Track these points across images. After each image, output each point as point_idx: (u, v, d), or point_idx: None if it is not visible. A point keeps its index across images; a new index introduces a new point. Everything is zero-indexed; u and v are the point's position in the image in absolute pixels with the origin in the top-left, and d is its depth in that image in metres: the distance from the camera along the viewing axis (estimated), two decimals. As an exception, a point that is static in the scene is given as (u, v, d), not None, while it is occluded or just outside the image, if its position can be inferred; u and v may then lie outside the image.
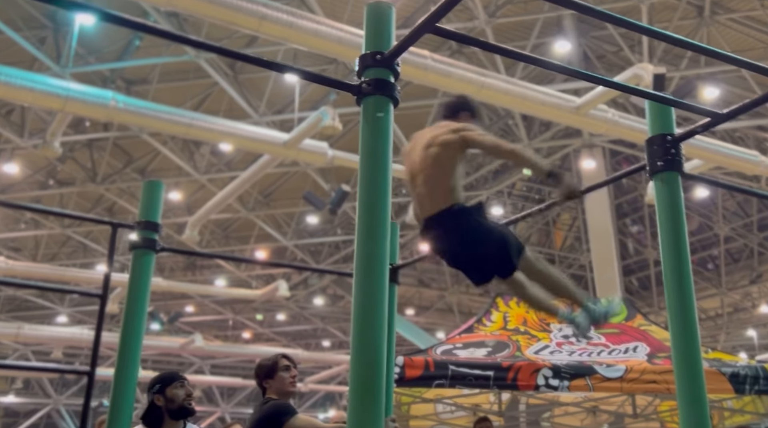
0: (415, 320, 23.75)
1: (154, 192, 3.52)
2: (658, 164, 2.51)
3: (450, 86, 11.42)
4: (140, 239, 3.36)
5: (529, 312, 7.61)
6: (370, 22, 2.23)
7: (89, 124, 15.62)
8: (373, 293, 1.96)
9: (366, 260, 1.99)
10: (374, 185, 2.04)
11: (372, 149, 2.08)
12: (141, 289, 3.32)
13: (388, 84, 2.12)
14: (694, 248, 22.42)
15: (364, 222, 2.02)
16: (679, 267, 2.40)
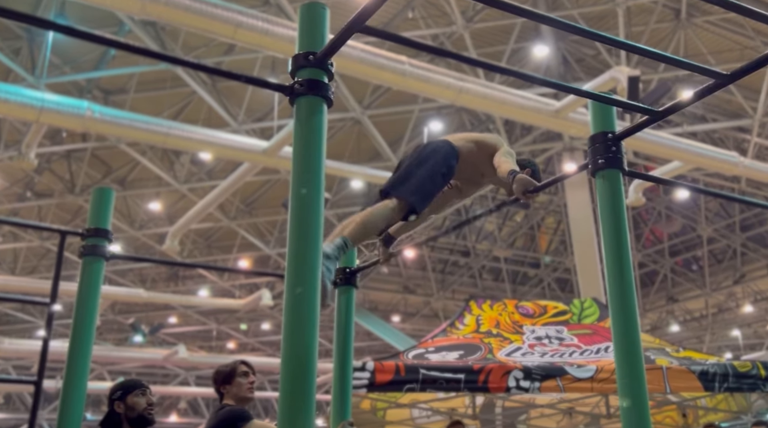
0: (401, 326, 23.67)
1: (105, 199, 3.46)
2: (599, 162, 2.51)
3: (429, 91, 11.39)
4: (89, 246, 3.29)
5: (502, 315, 7.61)
6: (303, 22, 2.21)
7: (66, 135, 15.45)
8: (304, 294, 1.90)
9: (297, 260, 1.95)
10: (307, 184, 2.03)
11: (305, 149, 2.07)
12: (90, 298, 3.26)
13: (321, 84, 2.11)
14: (678, 249, 22.50)
15: (296, 222, 1.99)
16: (620, 264, 2.39)
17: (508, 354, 6.58)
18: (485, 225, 22.31)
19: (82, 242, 3.31)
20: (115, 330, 25.69)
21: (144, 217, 19.38)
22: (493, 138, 3.63)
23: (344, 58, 10.40)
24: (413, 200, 3.19)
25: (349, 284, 3.76)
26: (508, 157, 3.33)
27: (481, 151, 3.52)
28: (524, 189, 3.01)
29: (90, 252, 3.29)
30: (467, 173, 3.61)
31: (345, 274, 3.75)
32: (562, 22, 2.08)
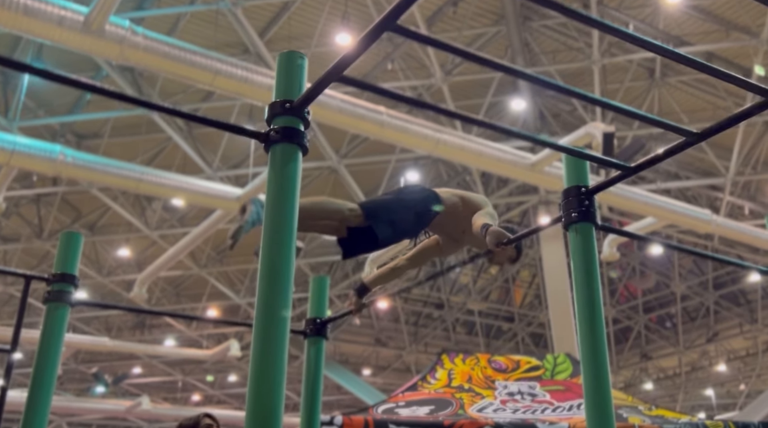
0: (372, 380, 23.29)
1: (72, 244, 3.37)
2: (572, 216, 2.55)
3: (407, 142, 11.39)
4: (55, 292, 3.18)
5: (475, 370, 7.50)
6: (281, 70, 2.22)
7: (37, 178, 15.18)
8: (271, 347, 1.86)
9: (266, 311, 1.90)
10: (279, 234, 2.00)
11: (279, 197, 2.05)
12: (53, 345, 3.15)
13: (297, 132, 2.11)
14: (652, 306, 22.53)
15: (266, 271, 1.96)
16: (592, 317, 2.40)
17: (479, 410, 6.45)
18: (460, 278, 22.21)
19: (47, 288, 3.20)
20: (77, 379, 24.99)
21: (112, 263, 19.02)
22: (479, 198, 3.64)
23: (323, 107, 10.38)
24: (371, 217, 3.21)
25: (319, 335, 3.69)
26: (487, 216, 3.33)
27: (466, 208, 3.51)
28: (497, 241, 3.01)
29: (55, 298, 3.18)
30: (448, 228, 3.59)
31: (315, 324, 3.69)
32: (538, 79, 2.11)
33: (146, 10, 11.60)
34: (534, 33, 13.06)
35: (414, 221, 3.39)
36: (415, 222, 3.40)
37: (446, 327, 23.65)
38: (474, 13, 12.42)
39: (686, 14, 12.48)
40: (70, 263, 3.28)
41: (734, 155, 14.41)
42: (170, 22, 12.29)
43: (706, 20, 12.54)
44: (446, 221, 3.52)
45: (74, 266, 3.30)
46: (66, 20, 8.75)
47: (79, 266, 3.35)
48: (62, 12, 8.73)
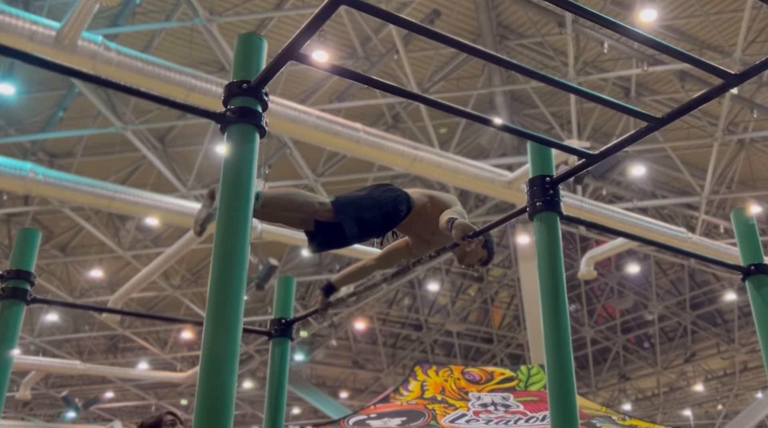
0: (349, 403, 23.01)
1: (29, 240, 3.27)
2: (537, 205, 2.55)
3: (383, 159, 11.32)
4: (9, 288, 3.08)
5: (448, 381, 7.45)
6: (239, 51, 2.22)
7: (7, 198, 14.91)
8: (224, 345, 1.78)
9: (218, 306, 1.83)
10: (235, 216, 1.94)
11: (235, 178, 2.00)
12: (7, 343, 3.02)
13: (254, 112, 2.09)
14: (630, 326, 22.55)
15: (220, 255, 1.89)
16: (556, 308, 2.38)
17: (452, 421, 6.40)
18: (438, 299, 22.11)
19: (1, 285, 3.11)
20: (47, 404, 24.50)
21: (85, 285, 18.71)
22: (449, 198, 3.60)
23: (299, 124, 10.30)
24: (340, 212, 3.20)
25: (284, 336, 3.61)
26: (454, 213, 3.27)
27: (435, 207, 3.46)
28: (462, 234, 2.99)
29: (9, 295, 3.07)
30: (417, 229, 3.55)
31: (280, 325, 3.60)
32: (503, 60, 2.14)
33: (120, 27, 11.48)
34: (511, 52, 13.08)
35: (382, 221, 3.34)
36: (383, 221, 3.35)
37: (424, 349, 23.49)
38: (450, 31, 12.39)
39: (661, 34, 12.56)
40: (26, 260, 3.19)
41: (709, 175, 14.50)
42: (145, 40, 12.18)
43: (680, 40, 12.64)
44: (415, 221, 3.48)
45: (30, 263, 3.20)
46: (37, 35, 8.62)
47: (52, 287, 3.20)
48: (33, 27, 8.61)
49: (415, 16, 12.00)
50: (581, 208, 12.59)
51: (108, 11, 11.32)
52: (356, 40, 12.49)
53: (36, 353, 20.26)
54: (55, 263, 18.09)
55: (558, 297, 2.39)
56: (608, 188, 15.89)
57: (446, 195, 3.63)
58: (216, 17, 11.24)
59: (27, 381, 19.49)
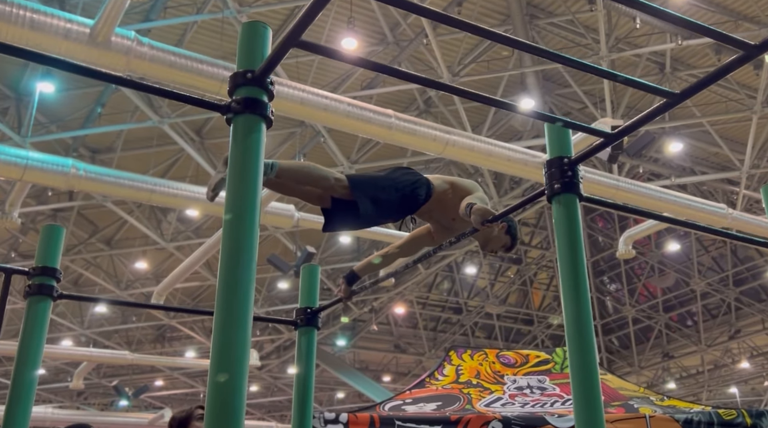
0: (393, 387, 23.20)
1: (54, 236, 3.27)
2: (555, 187, 2.47)
3: (416, 144, 11.34)
4: (35, 285, 3.08)
5: (483, 365, 7.44)
6: (243, 41, 2.16)
7: (52, 194, 15.32)
8: (234, 325, 1.80)
9: (227, 296, 1.83)
10: (243, 207, 1.92)
11: (242, 169, 1.97)
12: (36, 339, 3.03)
13: (259, 102, 2.05)
14: (672, 305, 22.30)
15: (229, 246, 1.88)
16: (576, 292, 2.31)
17: (487, 405, 6.42)
18: (477, 281, 22.12)
19: (28, 282, 3.12)
20: (100, 393, 25.15)
21: (130, 276, 19.13)
22: (469, 183, 3.60)
23: (331, 112, 10.37)
24: (356, 189, 3.20)
25: (310, 325, 3.60)
26: (475, 199, 3.26)
27: (455, 194, 3.47)
28: (482, 219, 2.98)
29: (36, 291, 3.08)
30: (438, 215, 3.56)
31: (306, 314, 3.60)
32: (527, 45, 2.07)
33: (153, 21, 11.68)
34: (541, 31, 13.00)
35: (399, 203, 3.34)
36: (399, 204, 3.35)
37: (465, 332, 23.55)
38: (479, 13, 12.39)
39: (695, 7, 12.37)
40: (51, 256, 3.19)
41: (748, 149, 14.25)
42: (177, 34, 12.38)
43: (715, 12, 12.43)
44: (436, 207, 3.48)
45: (56, 260, 3.20)
46: (72, 33, 8.81)
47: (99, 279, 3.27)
48: (68, 25, 8.79)
49: (440, 3, 12.01)
50: (617, 187, 12.47)
51: (141, 6, 11.54)
52: (385, 26, 12.53)
53: (87, 344, 20.82)
54: (101, 257, 18.53)
55: (579, 281, 2.33)
56: (645, 166, 15.70)
57: (468, 181, 3.64)
58: (246, 8, 11.38)
59: (79, 372, 20.01)
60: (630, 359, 23.16)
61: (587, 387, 2.21)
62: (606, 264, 21.65)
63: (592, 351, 2.29)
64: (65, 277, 19.12)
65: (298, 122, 13.91)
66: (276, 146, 14.89)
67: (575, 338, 2.27)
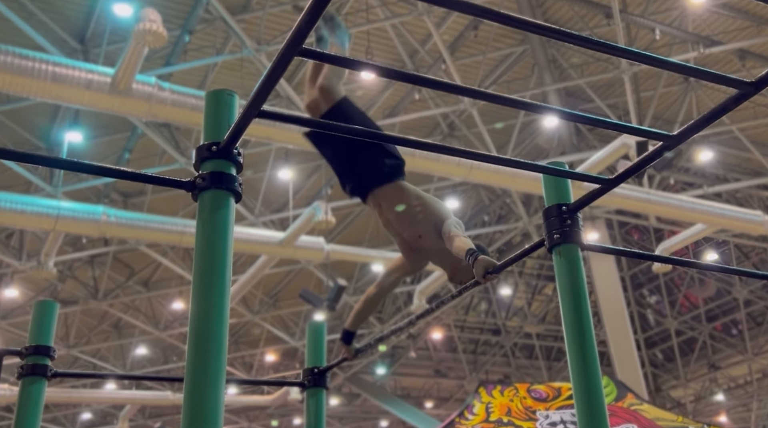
0: (435, 413, 22.97)
1: (47, 313, 3.19)
2: (555, 237, 2.34)
3: (440, 170, 11.35)
4: (29, 366, 3.02)
5: (514, 401, 7.26)
6: (208, 111, 2.05)
7: (87, 240, 15.55)
8: (204, 406, 1.70)
9: (197, 369, 1.72)
10: (209, 284, 1.80)
11: (209, 249, 1.84)
12: (31, 419, 2.96)
13: (226, 176, 1.93)
14: (715, 314, 21.83)
15: (197, 323, 1.77)
16: (582, 345, 2.22)
17: None
18: (514, 301, 21.90)
19: (21, 362, 3.05)
20: (147, 435, 25.29)
21: (168, 317, 19.29)
22: (440, 204, 3.41)
23: (353, 144, 10.40)
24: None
25: (318, 386, 3.45)
26: (458, 229, 3.10)
27: (424, 211, 3.27)
28: (484, 271, 2.81)
29: (29, 372, 3.02)
30: (402, 227, 3.33)
31: (313, 374, 3.46)
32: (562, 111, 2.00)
33: (173, 66, 11.87)
34: (560, 48, 12.95)
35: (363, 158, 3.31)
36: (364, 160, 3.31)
37: (505, 353, 23.28)
38: (496, 34, 12.39)
39: (715, 14, 12.24)
40: (44, 334, 3.12)
41: (782, 152, 14.00)
42: (200, 75, 12.56)
43: (737, 17, 12.27)
44: (402, 218, 3.29)
45: (49, 337, 3.12)
46: (93, 83, 8.99)
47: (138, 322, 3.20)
48: (89, 75, 8.98)
49: (459, 22, 12.04)
50: (648, 200, 12.32)
51: (162, 52, 11.72)
52: (404, 53, 12.57)
53: (129, 387, 20.99)
54: (139, 299, 18.72)
55: (584, 334, 2.25)
56: (676, 177, 15.48)
57: (435, 199, 3.45)
58: (264, 46, 11.50)
59: (124, 415, 20.18)
60: (675, 372, 22.67)
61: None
62: (644, 277, 21.30)
63: (602, 405, 2.20)
64: (105, 321, 19.42)
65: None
66: (303, 179, 14.97)
67: (582, 390, 2.19)
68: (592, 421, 2.15)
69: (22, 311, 17.75)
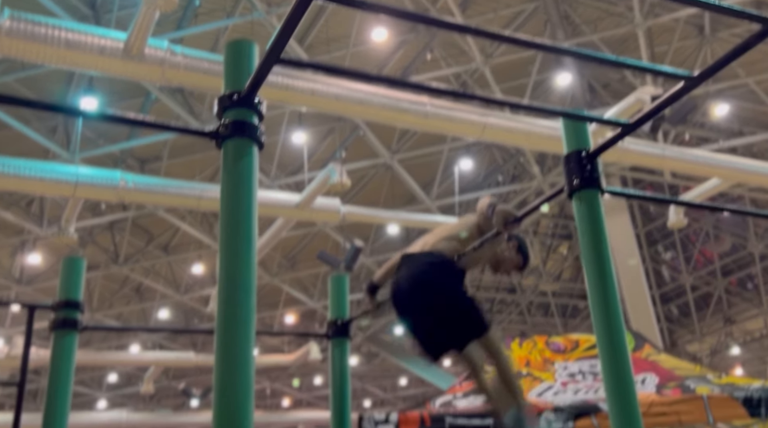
0: (453, 370, 23.23)
1: (74, 269, 3.30)
2: (575, 183, 2.39)
3: (453, 130, 11.35)
4: (59, 319, 3.14)
5: (532, 353, 7.35)
6: (228, 61, 2.09)
7: (106, 206, 15.75)
8: (236, 350, 1.79)
9: (228, 313, 1.82)
10: (236, 233, 1.87)
11: (233, 196, 1.91)
12: (64, 372, 3.10)
13: (248, 125, 1.97)
14: (730, 269, 21.80)
15: (226, 273, 1.84)
16: (603, 288, 2.26)
17: (539, 395, 6.34)
18: (530, 260, 21.95)
19: (52, 315, 3.17)
20: (172, 395, 25.80)
21: (189, 281, 19.55)
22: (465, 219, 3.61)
23: (366, 105, 10.41)
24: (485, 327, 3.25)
25: (342, 336, 3.61)
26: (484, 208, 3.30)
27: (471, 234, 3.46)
28: (504, 220, 2.96)
29: (60, 325, 3.14)
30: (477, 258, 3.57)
31: (337, 326, 3.61)
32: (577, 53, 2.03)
33: (185, 30, 11.89)
34: (573, 4, 12.84)
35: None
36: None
37: (521, 311, 23.44)
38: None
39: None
40: (73, 289, 3.22)
41: (798, 104, 13.87)
42: (211, 40, 12.58)
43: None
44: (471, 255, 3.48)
45: (78, 292, 3.22)
46: (107, 49, 9.03)
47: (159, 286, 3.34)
48: (102, 41, 9.01)
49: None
50: (663, 156, 12.27)
51: (173, 15, 11.75)
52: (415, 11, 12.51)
53: (153, 348, 21.40)
54: (159, 264, 18.97)
55: (606, 281, 2.26)
56: (691, 132, 15.39)
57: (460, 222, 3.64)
58: (274, 8, 11.49)
59: (149, 376, 20.59)
60: (691, 327, 22.75)
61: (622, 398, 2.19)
62: (659, 233, 21.27)
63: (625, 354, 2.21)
64: (127, 285, 19.72)
65: (337, 117, 14.01)
66: (317, 142, 15.03)
67: (605, 337, 2.21)
68: (614, 359, 2.18)
69: (45, 276, 18.06)
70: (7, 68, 12.04)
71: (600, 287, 2.26)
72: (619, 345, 2.20)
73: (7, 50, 8.41)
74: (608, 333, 2.21)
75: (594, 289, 2.27)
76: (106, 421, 21.62)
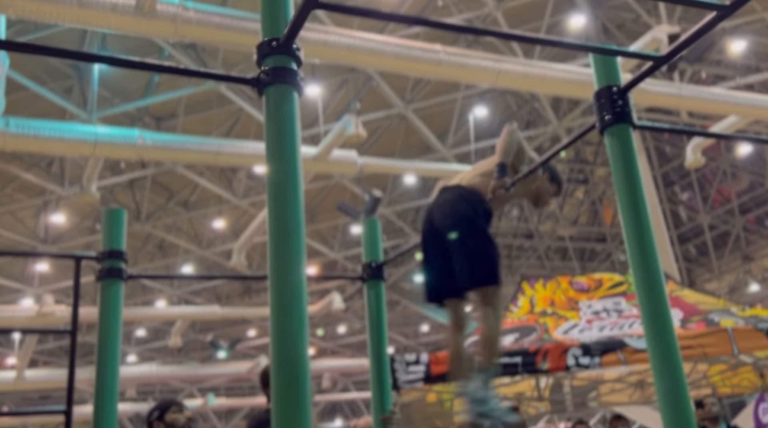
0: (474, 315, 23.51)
1: (116, 220, 3.36)
2: (606, 118, 2.36)
3: (466, 77, 11.31)
4: (105, 269, 3.21)
5: (556, 293, 7.46)
6: (265, 8, 2.11)
7: (126, 164, 15.93)
8: (290, 293, 1.84)
9: (279, 259, 1.88)
10: (283, 179, 1.93)
11: (278, 141, 1.97)
12: (112, 320, 3.18)
13: (288, 71, 2.01)
14: (748, 207, 21.73)
15: (275, 221, 1.91)
16: (638, 222, 2.27)
17: (565, 332, 6.46)
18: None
19: (97, 266, 3.23)
20: (199, 348, 26.33)
21: (210, 235, 19.81)
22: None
23: (379, 55, 10.40)
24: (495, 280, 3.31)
25: (376, 278, 3.69)
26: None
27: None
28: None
29: (106, 275, 3.19)
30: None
31: (371, 268, 3.68)
32: None
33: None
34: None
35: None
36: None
37: (539, 256, 23.57)
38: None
39: None
40: (116, 240, 3.27)
41: (816, 38, 13.66)
42: (222, -6, 12.53)
43: None
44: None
45: (121, 242, 3.27)
46: (119, 6, 9.04)
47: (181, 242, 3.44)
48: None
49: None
50: (680, 95, 12.19)
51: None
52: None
53: (178, 303, 21.81)
54: (180, 220, 19.22)
55: (640, 216, 2.27)
56: (708, 70, 15.23)
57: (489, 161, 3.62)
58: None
59: (175, 330, 21.02)
60: (709, 265, 22.80)
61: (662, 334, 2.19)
62: (676, 174, 21.19)
63: (661, 287, 2.23)
64: (150, 242, 20.02)
65: (350, 68, 13.99)
66: (331, 94, 15.05)
67: (641, 272, 2.23)
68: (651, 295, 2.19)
69: (69, 235, 18.39)
70: (21, 30, 12.09)
71: (635, 221, 2.28)
72: (655, 278, 2.23)
73: (21, 11, 8.47)
74: (644, 266, 2.24)
75: (629, 223, 2.29)
76: (137, 374, 22.16)
